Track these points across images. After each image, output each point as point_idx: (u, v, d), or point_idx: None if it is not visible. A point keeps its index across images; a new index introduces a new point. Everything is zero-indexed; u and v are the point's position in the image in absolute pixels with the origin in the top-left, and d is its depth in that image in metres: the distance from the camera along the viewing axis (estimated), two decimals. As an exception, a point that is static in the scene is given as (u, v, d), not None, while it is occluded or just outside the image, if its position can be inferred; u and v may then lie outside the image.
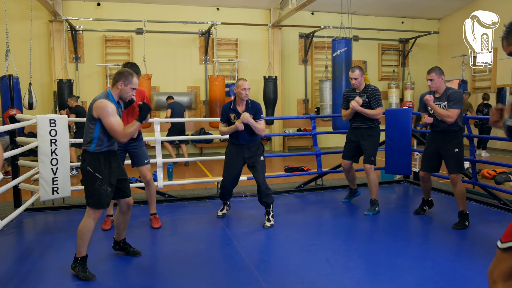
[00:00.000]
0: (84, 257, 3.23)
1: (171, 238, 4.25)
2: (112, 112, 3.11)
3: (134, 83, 3.28)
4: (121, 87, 3.24)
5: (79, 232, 3.20)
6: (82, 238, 3.19)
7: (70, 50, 10.87)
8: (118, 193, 3.40)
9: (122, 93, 3.27)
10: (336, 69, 9.36)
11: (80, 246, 3.21)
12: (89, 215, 3.20)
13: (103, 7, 11.02)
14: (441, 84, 4.36)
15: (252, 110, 4.54)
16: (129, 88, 3.26)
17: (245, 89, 4.47)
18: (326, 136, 12.13)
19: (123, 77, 3.24)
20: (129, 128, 3.18)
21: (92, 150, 3.19)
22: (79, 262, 3.21)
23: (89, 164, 3.19)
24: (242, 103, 4.57)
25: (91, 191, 3.20)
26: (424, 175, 4.69)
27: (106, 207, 3.24)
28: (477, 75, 12.17)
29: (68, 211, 5.24)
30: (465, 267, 3.33)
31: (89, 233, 3.20)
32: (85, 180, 3.24)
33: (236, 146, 4.61)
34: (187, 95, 11.54)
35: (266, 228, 4.47)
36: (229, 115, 4.57)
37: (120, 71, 3.30)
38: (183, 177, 7.65)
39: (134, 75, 3.30)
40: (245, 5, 11.82)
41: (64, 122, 4.58)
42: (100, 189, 3.18)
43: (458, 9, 12.78)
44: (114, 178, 3.28)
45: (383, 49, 13.39)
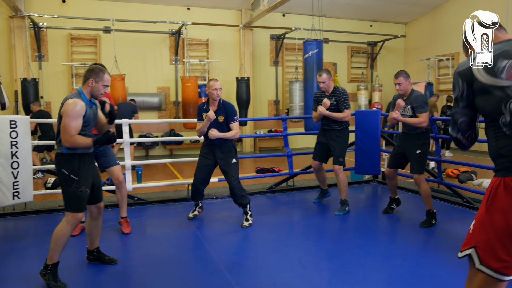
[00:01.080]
0: (55, 264, 3.07)
1: (141, 242, 4.14)
2: (75, 116, 2.96)
3: (106, 80, 3.14)
4: (92, 84, 3.11)
5: (54, 236, 3.05)
6: (56, 244, 3.04)
7: (33, 48, 10.47)
8: (90, 199, 3.27)
9: (93, 91, 3.13)
10: (308, 70, 9.45)
11: (53, 251, 3.05)
12: (67, 220, 3.05)
13: (68, 4, 10.69)
14: (408, 86, 4.48)
15: (224, 111, 4.52)
16: (100, 85, 3.12)
17: (216, 89, 4.46)
18: (296, 137, 12.22)
19: (94, 73, 3.11)
20: (80, 139, 2.99)
21: (65, 152, 3.05)
22: (50, 269, 3.05)
23: (63, 167, 3.05)
24: (214, 103, 4.56)
25: (68, 194, 3.05)
26: (389, 172, 4.80)
27: (84, 210, 3.11)
28: (442, 78, 12.56)
29: (31, 216, 5.02)
30: (432, 264, 3.40)
31: (64, 239, 3.05)
32: (61, 184, 3.10)
33: (209, 146, 4.62)
34: (157, 95, 11.36)
35: (244, 227, 4.49)
36: (202, 115, 4.57)
37: (90, 68, 3.16)
38: (152, 179, 7.51)
39: (106, 72, 3.16)
40: (216, 5, 11.75)
41: (26, 123, 4.40)
42: (77, 191, 3.04)
43: (423, 14, 13.17)
44: (91, 181, 3.16)
45: (353, 52, 13.62)
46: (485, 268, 1.69)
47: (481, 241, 1.70)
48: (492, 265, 1.67)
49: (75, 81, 10.61)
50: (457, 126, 1.90)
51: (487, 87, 1.76)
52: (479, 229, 1.73)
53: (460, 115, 1.88)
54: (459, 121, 1.89)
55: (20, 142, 4.29)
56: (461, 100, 1.86)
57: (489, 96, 1.76)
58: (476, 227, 1.75)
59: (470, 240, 1.76)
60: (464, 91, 1.84)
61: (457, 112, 1.89)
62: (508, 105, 1.71)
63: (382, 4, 12.23)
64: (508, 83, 1.72)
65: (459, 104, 1.88)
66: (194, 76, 10.85)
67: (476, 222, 1.76)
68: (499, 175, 1.73)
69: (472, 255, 1.73)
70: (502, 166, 1.73)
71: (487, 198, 1.74)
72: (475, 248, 1.72)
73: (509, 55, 1.74)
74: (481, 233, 1.71)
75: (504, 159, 1.73)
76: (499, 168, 1.75)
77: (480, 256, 1.70)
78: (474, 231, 1.75)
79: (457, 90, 1.87)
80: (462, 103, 1.86)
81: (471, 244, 1.74)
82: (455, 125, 1.91)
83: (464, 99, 1.85)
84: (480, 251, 1.70)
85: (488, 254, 1.68)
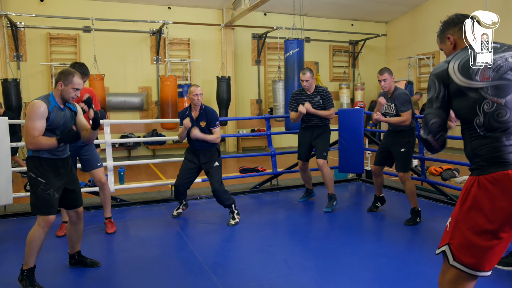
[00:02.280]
0: (31, 269, 3.00)
1: (124, 244, 4.08)
2: (37, 117, 2.88)
3: (76, 83, 3.03)
4: (61, 88, 3.02)
5: (28, 241, 2.98)
6: (30, 248, 2.97)
7: (10, 47, 10.22)
8: (66, 204, 3.20)
9: (63, 94, 3.03)
10: (289, 69, 9.47)
11: (28, 256, 2.98)
12: (38, 223, 2.98)
13: (46, 3, 10.46)
14: (392, 84, 4.50)
15: (205, 117, 4.56)
16: (70, 88, 3.02)
17: (197, 94, 4.49)
18: (280, 136, 12.23)
19: (63, 76, 3.02)
20: (43, 139, 2.90)
21: (31, 154, 2.99)
22: (26, 275, 2.98)
23: (31, 169, 2.99)
24: (195, 109, 4.59)
25: (35, 197, 2.98)
26: (375, 170, 4.83)
27: (53, 213, 3.03)
28: (422, 76, 12.73)
29: (11, 219, 4.90)
30: (417, 261, 3.43)
31: (38, 243, 2.98)
32: (29, 186, 3.03)
33: (194, 151, 4.66)
34: (138, 95, 11.22)
35: (230, 226, 4.52)
36: (185, 119, 4.56)
37: (61, 71, 3.08)
38: (135, 180, 7.41)
39: (76, 74, 3.06)
40: (197, 4, 11.66)
41: (5, 125, 4.28)
42: (44, 194, 2.96)
43: (404, 13, 13.33)
44: (61, 185, 3.08)
45: (334, 51, 13.69)
46: (458, 264, 1.75)
47: (455, 238, 1.77)
48: (465, 261, 1.73)
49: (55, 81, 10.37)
50: (428, 127, 1.91)
51: (463, 89, 1.81)
52: (454, 227, 1.79)
53: (433, 116, 1.90)
54: (431, 122, 1.90)
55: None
56: (435, 101, 1.89)
57: (464, 98, 1.81)
58: (451, 224, 1.81)
59: (445, 238, 1.82)
60: (440, 92, 1.87)
61: (430, 113, 1.91)
62: (482, 106, 1.77)
63: (363, 3, 12.33)
64: (481, 84, 1.77)
65: (433, 105, 1.90)
66: (175, 75, 10.75)
67: (452, 220, 1.82)
68: (474, 174, 1.79)
69: (446, 252, 1.80)
70: (477, 165, 1.78)
71: (462, 196, 1.80)
72: (449, 245, 1.79)
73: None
74: (456, 231, 1.78)
75: (478, 159, 1.78)
76: (474, 167, 1.81)
77: (453, 253, 1.77)
78: (449, 228, 1.82)
79: (432, 91, 1.90)
80: (436, 104, 1.89)
81: (446, 241, 1.81)
82: (426, 126, 1.93)
83: (439, 100, 1.88)
84: (454, 248, 1.76)
85: (462, 250, 1.74)
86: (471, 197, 1.74)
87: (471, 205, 1.74)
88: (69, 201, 3.20)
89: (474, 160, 1.80)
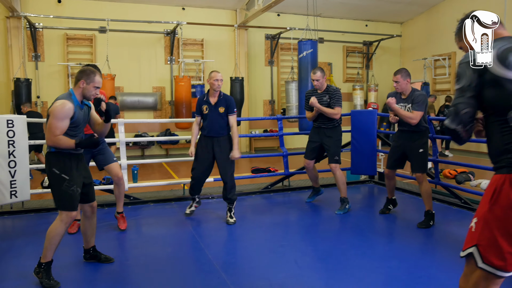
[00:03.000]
0: (49, 263, 3.08)
1: (137, 241, 4.14)
2: (62, 117, 2.97)
3: (97, 81, 3.15)
4: (83, 86, 3.12)
5: (48, 235, 3.06)
6: (50, 242, 3.05)
7: (29, 48, 10.44)
8: (82, 198, 3.28)
9: (84, 92, 3.13)
10: (302, 70, 9.46)
11: (47, 250, 3.06)
12: (61, 219, 3.06)
13: (64, 4, 10.66)
14: (406, 86, 4.45)
15: (225, 103, 4.64)
16: (91, 86, 3.12)
17: (218, 80, 4.58)
18: (292, 137, 12.24)
19: (85, 75, 3.12)
20: (63, 139, 2.99)
21: (53, 150, 3.07)
22: (43, 268, 3.06)
23: (54, 166, 3.06)
24: (214, 95, 4.65)
25: (59, 193, 3.06)
26: (389, 172, 4.79)
27: (76, 209, 3.12)
28: (438, 78, 12.61)
29: (28, 215, 5.01)
30: (429, 265, 3.41)
31: (58, 238, 3.07)
32: (51, 183, 3.09)
33: (206, 139, 4.67)
34: (152, 95, 11.34)
35: (230, 224, 4.57)
36: (202, 107, 4.65)
37: (82, 69, 3.18)
38: (148, 179, 7.49)
39: (97, 73, 3.17)
40: (211, 5, 11.74)
41: (23, 123, 4.39)
42: (69, 190, 3.05)
43: (419, 14, 13.21)
44: (81, 180, 3.17)
45: (348, 52, 13.64)
46: (487, 266, 1.69)
47: (484, 239, 1.69)
48: (495, 263, 1.67)
49: (71, 81, 10.57)
50: (458, 117, 1.82)
51: (499, 79, 1.74)
52: (483, 227, 1.71)
53: (465, 105, 1.80)
54: (463, 112, 1.80)
55: (17, 142, 4.28)
56: (468, 90, 1.80)
57: (500, 89, 1.74)
58: (479, 225, 1.73)
59: (472, 239, 1.74)
60: (473, 81, 1.79)
61: (462, 103, 1.81)
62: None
63: (377, 4, 12.27)
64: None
65: (465, 94, 1.80)
66: (189, 76, 10.84)
67: (479, 220, 1.74)
68: (503, 171, 1.71)
69: (474, 254, 1.72)
70: (507, 162, 1.70)
71: (491, 196, 1.71)
72: (477, 246, 1.71)
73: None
74: (485, 231, 1.70)
75: (509, 155, 1.71)
76: (503, 164, 1.73)
77: (482, 254, 1.69)
78: (476, 229, 1.73)
79: (464, 80, 1.81)
80: (469, 93, 1.79)
81: (473, 243, 1.73)
82: (456, 116, 1.82)
83: (471, 89, 1.79)
84: (483, 249, 1.69)
85: (492, 252, 1.67)
86: (504, 197, 1.66)
87: (503, 205, 1.66)
88: (85, 196, 3.28)
89: (504, 156, 1.72)
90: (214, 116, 4.60)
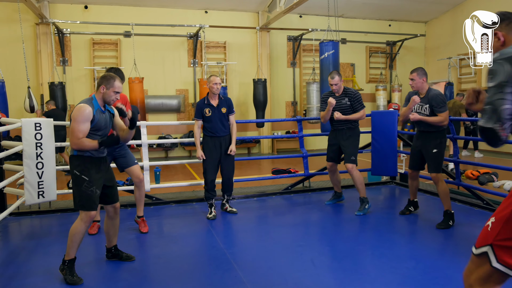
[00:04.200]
0: (72, 260, 3.22)
1: (158, 240, 4.26)
2: (83, 120, 3.09)
3: (117, 86, 3.26)
4: (103, 91, 3.24)
5: (70, 234, 3.21)
6: (72, 240, 3.20)
7: (57, 53, 10.80)
8: (105, 200, 3.41)
9: (105, 97, 3.26)
10: (324, 71, 9.45)
11: (70, 248, 3.21)
12: (81, 218, 3.21)
13: (90, 10, 10.98)
14: (422, 84, 4.43)
15: (225, 103, 4.98)
16: (111, 91, 3.25)
17: (216, 83, 4.86)
18: (314, 138, 12.23)
19: (105, 80, 3.25)
20: (86, 141, 3.12)
21: (75, 154, 3.21)
22: (67, 265, 3.20)
23: (75, 167, 3.21)
24: (214, 97, 4.95)
25: (79, 193, 3.20)
26: (411, 173, 4.79)
27: (95, 209, 3.25)
28: (463, 77, 12.35)
29: (55, 215, 5.22)
30: (447, 266, 3.38)
31: (80, 236, 3.21)
32: (73, 184, 3.24)
33: (214, 139, 4.93)
34: (176, 98, 11.54)
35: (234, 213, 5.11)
36: (204, 110, 4.91)
37: (102, 75, 3.32)
38: (172, 180, 7.64)
39: (117, 79, 3.29)
40: (233, 8, 11.85)
41: (50, 125, 4.56)
42: (87, 190, 3.18)
43: (444, 12, 12.97)
44: (101, 182, 3.29)
45: (371, 52, 13.52)
46: (501, 265, 1.67)
47: (502, 239, 1.67)
48: (510, 263, 1.65)
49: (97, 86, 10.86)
50: (496, 114, 1.69)
51: None
52: (503, 226, 1.68)
53: (504, 101, 1.68)
54: (503, 108, 1.68)
55: (44, 144, 4.46)
56: (506, 85, 1.68)
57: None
58: (498, 224, 1.70)
59: (487, 238, 1.72)
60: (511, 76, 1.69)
61: (501, 98, 1.69)
62: None
63: (401, 3, 12.12)
64: None
65: (503, 90, 1.69)
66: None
67: (497, 219, 1.71)
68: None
69: (488, 253, 1.71)
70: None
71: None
72: (491, 246, 1.69)
73: None
74: (503, 231, 1.67)
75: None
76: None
77: (497, 254, 1.68)
78: (493, 228, 1.71)
79: (501, 75, 1.70)
80: (508, 89, 1.68)
81: (488, 242, 1.71)
82: (493, 114, 1.70)
83: (510, 85, 1.68)
84: (498, 250, 1.67)
85: (508, 252, 1.65)
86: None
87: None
88: (107, 197, 3.41)
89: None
90: (218, 117, 4.90)
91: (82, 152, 3.19)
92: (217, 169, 5.00)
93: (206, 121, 4.92)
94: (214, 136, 4.92)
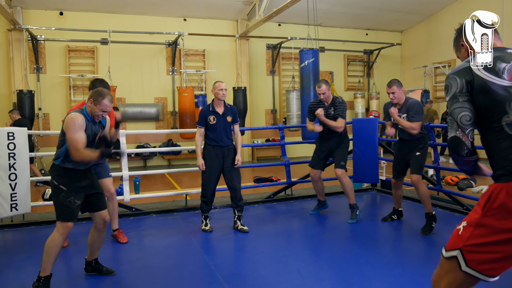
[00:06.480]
0: (48, 277, 3.07)
1: (139, 253, 4.12)
2: (78, 128, 2.99)
3: (104, 105, 3.10)
4: (91, 105, 3.12)
5: (46, 247, 3.06)
6: (48, 254, 3.04)
7: (31, 60, 10.51)
8: (90, 207, 3.28)
9: (91, 111, 3.13)
10: (304, 79, 9.49)
11: (45, 262, 3.05)
12: (58, 229, 3.07)
13: (66, 16, 10.75)
14: (401, 95, 4.51)
15: (231, 112, 4.72)
16: (98, 108, 3.11)
17: (222, 89, 4.62)
18: (294, 146, 12.22)
19: (95, 95, 3.11)
20: (87, 152, 3.00)
21: (57, 163, 3.11)
22: (42, 282, 3.05)
23: (55, 178, 3.11)
24: (220, 104, 4.68)
25: (57, 204, 3.10)
26: (395, 182, 4.80)
27: (73, 220, 3.11)
28: (438, 85, 12.61)
29: (29, 228, 5.00)
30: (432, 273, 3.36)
31: (56, 250, 3.06)
32: (52, 194, 3.15)
33: (216, 149, 4.66)
34: (155, 106, 11.37)
35: (245, 232, 4.63)
36: (208, 118, 4.64)
37: (95, 90, 3.16)
38: (151, 190, 7.48)
39: (106, 97, 3.12)
40: (212, 16, 11.82)
41: (24, 135, 4.39)
42: (65, 201, 3.06)
43: (419, 22, 13.27)
44: (83, 193, 3.17)
45: (349, 60, 13.68)
46: (471, 269, 1.70)
47: (472, 244, 1.70)
48: (480, 267, 1.68)
49: (73, 93, 10.63)
50: (456, 122, 1.79)
51: (489, 84, 1.75)
52: (472, 233, 1.71)
53: (461, 109, 1.79)
54: (460, 116, 1.78)
55: (18, 154, 4.29)
56: (460, 95, 1.79)
57: (491, 94, 1.74)
58: (468, 230, 1.73)
59: (457, 242, 1.76)
60: (464, 86, 1.79)
61: (457, 107, 1.80)
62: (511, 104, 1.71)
63: (377, 13, 12.33)
64: (510, 83, 1.73)
65: (459, 99, 1.79)
66: (191, 86, 10.88)
67: (468, 225, 1.74)
68: (501, 180, 1.71)
69: (457, 257, 1.74)
70: (505, 171, 1.70)
71: (485, 203, 1.71)
72: (461, 250, 1.72)
73: (506, 60, 1.77)
74: (474, 237, 1.70)
75: (506, 163, 1.71)
76: (501, 173, 1.72)
77: (466, 258, 1.71)
78: (464, 234, 1.74)
79: (454, 87, 1.81)
80: (462, 98, 1.79)
81: (458, 246, 1.74)
82: (453, 123, 1.81)
83: (463, 94, 1.78)
84: (468, 254, 1.70)
85: (479, 257, 1.68)
86: (498, 205, 1.66)
87: (497, 213, 1.66)
88: (93, 205, 3.28)
89: (502, 164, 1.72)
90: (223, 126, 4.65)
91: (63, 163, 3.08)
92: (217, 180, 4.72)
93: (210, 130, 4.64)
94: (217, 145, 4.64)
